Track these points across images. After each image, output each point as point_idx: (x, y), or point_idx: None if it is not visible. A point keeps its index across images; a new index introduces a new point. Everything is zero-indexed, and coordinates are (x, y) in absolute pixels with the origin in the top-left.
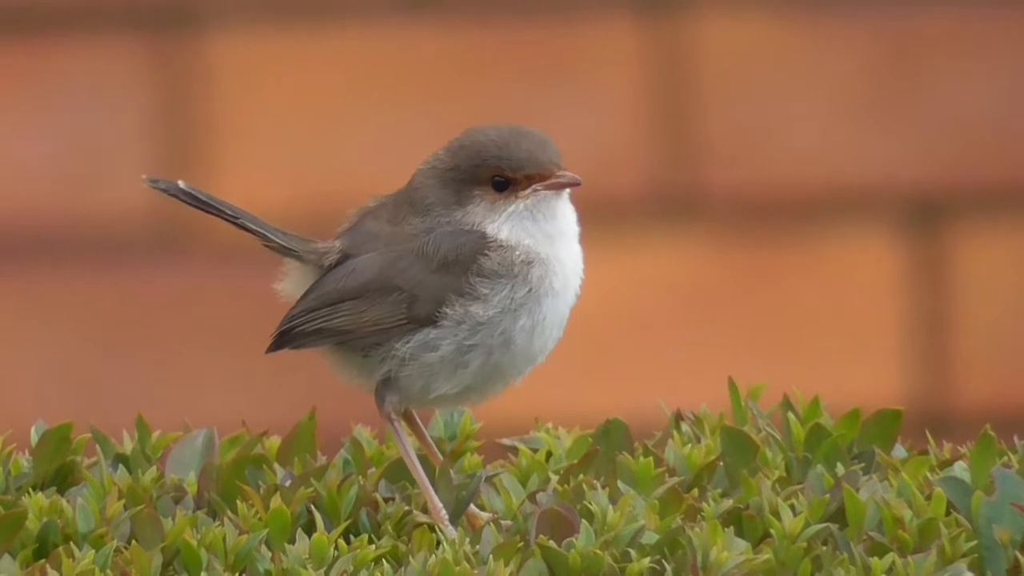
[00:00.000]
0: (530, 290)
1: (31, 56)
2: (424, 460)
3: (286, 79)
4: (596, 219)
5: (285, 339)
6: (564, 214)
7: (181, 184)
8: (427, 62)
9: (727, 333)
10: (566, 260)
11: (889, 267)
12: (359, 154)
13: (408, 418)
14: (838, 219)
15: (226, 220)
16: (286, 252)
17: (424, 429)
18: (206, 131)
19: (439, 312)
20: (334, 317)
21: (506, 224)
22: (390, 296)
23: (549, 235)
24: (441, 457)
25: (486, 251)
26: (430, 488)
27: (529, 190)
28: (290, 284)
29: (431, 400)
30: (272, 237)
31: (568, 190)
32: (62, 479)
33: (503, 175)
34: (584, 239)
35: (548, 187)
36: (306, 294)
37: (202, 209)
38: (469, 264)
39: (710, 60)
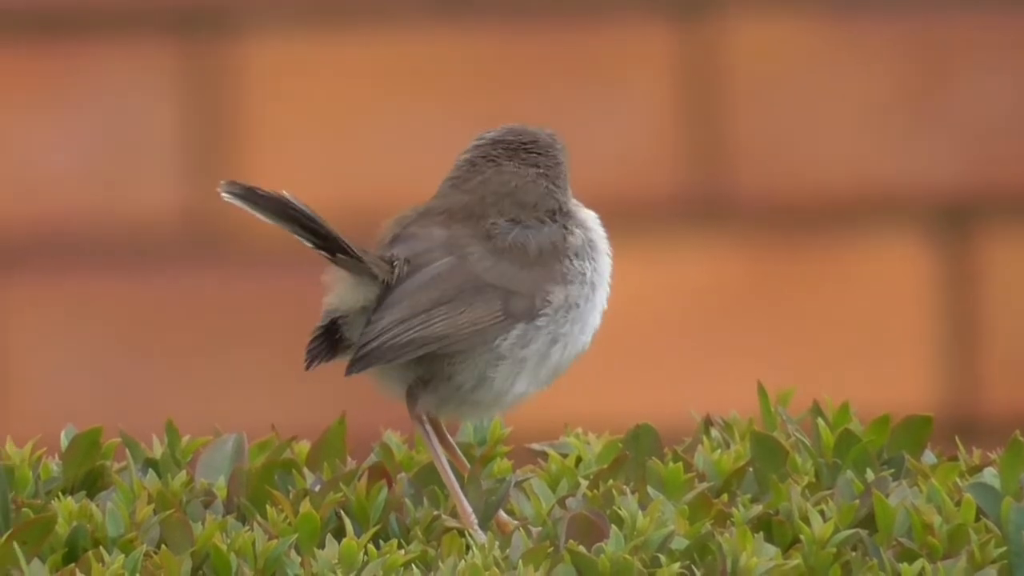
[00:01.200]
0: (592, 270)
1: (64, 58)
2: (452, 467)
3: (316, 82)
4: (626, 223)
5: (374, 356)
6: None
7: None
8: (458, 65)
9: (756, 338)
10: None
11: (919, 272)
12: (389, 157)
13: (435, 425)
14: (869, 224)
15: (309, 237)
16: (358, 267)
17: (450, 437)
18: (237, 133)
19: (542, 302)
20: (431, 324)
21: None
22: (484, 295)
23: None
24: (468, 464)
25: (569, 230)
26: (459, 491)
27: None
28: (342, 296)
29: (508, 401)
30: (354, 252)
31: None
32: (92, 483)
33: None
34: (614, 242)
35: None
36: (385, 307)
37: (288, 222)
38: (562, 248)
39: (740, 64)
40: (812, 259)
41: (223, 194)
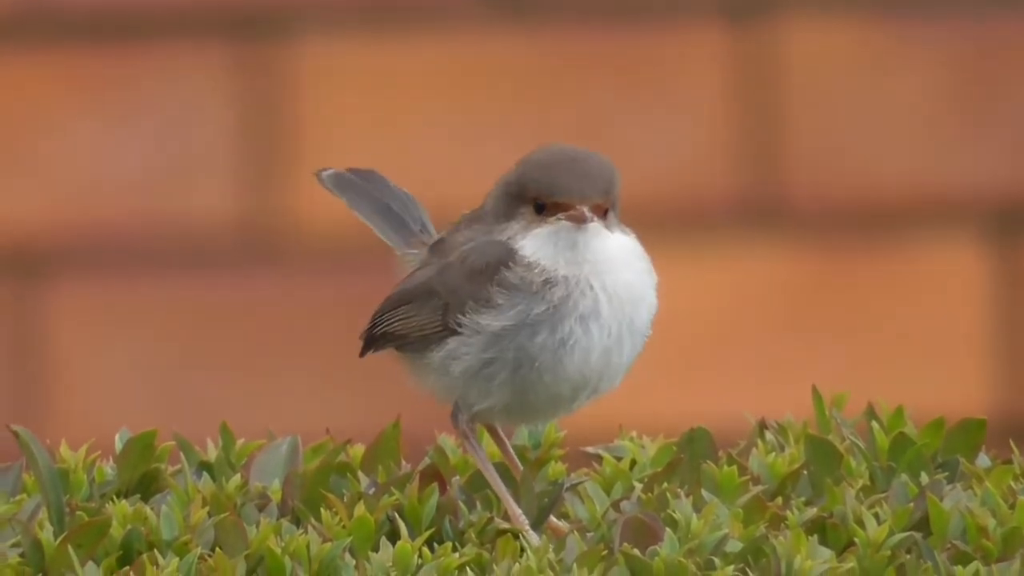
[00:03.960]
0: (549, 308)
1: (118, 63)
2: (505, 470)
3: (373, 86)
4: (681, 226)
5: (366, 343)
6: (590, 246)
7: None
8: (514, 69)
9: (811, 341)
10: (605, 287)
11: (975, 275)
12: (443, 160)
13: (490, 429)
14: (924, 227)
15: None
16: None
17: (505, 439)
18: (291, 139)
19: (455, 319)
20: (393, 321)
21: (531, 244)
22: (430, 302)
23: (572, 262)
24: (521, 467)
25: (510, 263)
26: (509, 497)
27: (554, 218)
28: (400, 264)
29: (480, 413)
30: (391, 238)
31: (586, 224)
32: (146, 486)
33: (540, 199)
34: (668, 246)
35: (568, 218)
36: (384, 299)
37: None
38: (492, 274)
39: (796, 67)
40: (866, 263)
41: (321, 178)
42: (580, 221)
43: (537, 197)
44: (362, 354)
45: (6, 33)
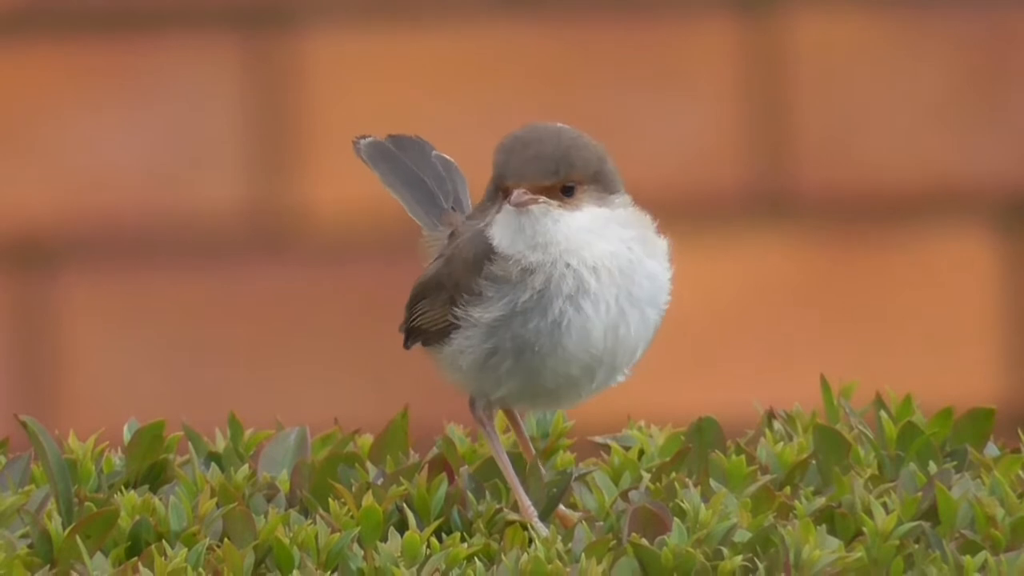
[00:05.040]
0: (533, 295)
1: (126, 54)
2: (518, 456)
3: (379, 77)
4: (691, 217)
5: (407, 334)
6: (537, 229)
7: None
8: (520, 61)
9: (820, 331)
10: (585, 263)
11: (983, 266)
12: (453, 153)
13: (508, 412)
14: (933, 218)
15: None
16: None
17: (522, 424)
18: (300, 129)
19: (454, 312)
20: (415, 317)
21: (495, 232)
22: (440, 296)
23: (531, 247)
24: (534, 452)
25: (492, 255)
26: (520, 488)
27: (504, 202)
28: (423, 246)
29: (500, 400)
30: (419, 215)
31: (525, 207)
32: (154, 477)
33: (499, 185)
34: (678, 237)
35: (512, 203)
36: None
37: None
38: (480, 267)
39: (806, 59)
40: (875, 253)
41: (361, 146)
42: (517, 205)
43: (498, 183)
44: (406, 346)
45: (16, 25)
